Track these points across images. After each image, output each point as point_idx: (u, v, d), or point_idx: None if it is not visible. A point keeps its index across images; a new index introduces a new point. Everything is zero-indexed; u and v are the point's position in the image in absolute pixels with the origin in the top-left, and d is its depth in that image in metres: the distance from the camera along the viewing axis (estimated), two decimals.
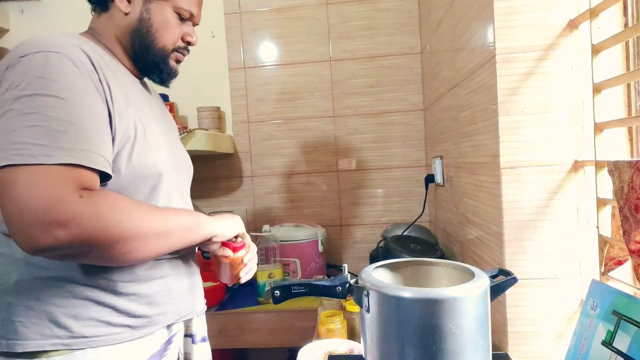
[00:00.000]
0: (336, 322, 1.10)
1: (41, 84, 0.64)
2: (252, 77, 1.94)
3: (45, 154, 0.60)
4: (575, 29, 0.87)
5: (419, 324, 0.61)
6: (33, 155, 0.60)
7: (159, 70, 0.87)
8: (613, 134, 0.86)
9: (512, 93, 0.89)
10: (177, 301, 0.83)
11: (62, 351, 0.69)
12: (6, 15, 1.96)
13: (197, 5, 0.87)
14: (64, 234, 0.59)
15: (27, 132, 0.61)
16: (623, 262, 0.79)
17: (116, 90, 0.73)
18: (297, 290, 0.71)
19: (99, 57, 0.75)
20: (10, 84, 0.65)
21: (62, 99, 0.64)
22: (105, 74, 0.72)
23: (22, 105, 0.62)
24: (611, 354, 0.69)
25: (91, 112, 0.67)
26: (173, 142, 0.90)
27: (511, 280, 0.70)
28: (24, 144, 0.60)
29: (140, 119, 0.77)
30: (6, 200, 0.59)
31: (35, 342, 0.68)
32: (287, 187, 1.95)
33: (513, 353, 0.91)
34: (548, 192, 0.89)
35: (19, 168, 0.59)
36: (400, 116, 1.90)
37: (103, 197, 0.64)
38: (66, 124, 0.63)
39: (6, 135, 0.61)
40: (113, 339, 0.73)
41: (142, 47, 0.83)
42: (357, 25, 1.88)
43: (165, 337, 0.82)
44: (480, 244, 1.09)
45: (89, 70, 0.69)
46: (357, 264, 1.90)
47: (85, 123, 0.65)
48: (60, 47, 0.68)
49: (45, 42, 0.68)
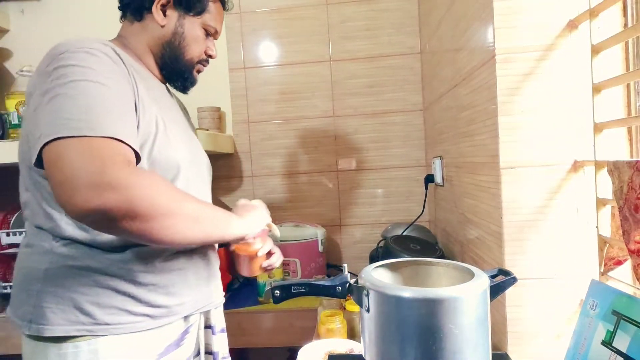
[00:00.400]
0: (336, 322, 1.10)
1: (84, 71, 0.69)
2: (252, 77, 1.94)
3: (91, 127, 0.64)
4: (575, 29, 0.87)
5: (418, 324, 0.61)
6: (79, 129, 0.63)
7: (183, 79, 0.95)
8: (613, 134, 0.86)
9: (511, 93, 0.89)
10: (195, 292, 0.87)
11: (86, 337, 0.74)
12: (6, 15, 1.96)
13: (220, 23, 0.97)
14: (113, 198, 0.61)
15: (74, 110, 0.65)
16: (623, 262, 0.79)
17: (142, 87, 0.79)
18: (297, 290, 0.71)
19: (126, 59, 0.80)
20: (55, 75, 0.69)
21: (103, 85, 0.69)
22: (132, 72, 0.78)
23: (67, 90, 0.67)
24: (611, 353, 0.70)
25: (126, 100, 0.73)
26: (192, 142, 0.95)
27: (511, 280, 0.70)
28: (70, 119, 0.64)
29: (162, 117, 0.82)
30: (57, 169, 0.62)
31: (62, 327, 0.73)
32: (287, 187, 1.95)
33: (513, 353, 0.91)
34: (548, 192, 0.89)
35: (68, 140, 0.63)
36: (400, 116, 1.90)
37: (149, 172, 0.72)
38: (109, 106, 0.68)
39: (54, 114, 0.65)
40: (133, 327, 0.77)
41: (172, 58, 0.91)
42: (357, 25, 1.88)
43: (182, 327, 0.86)
44: (480, 243, 1.10)
45: (120, 63, 0.76)
46: (357, 264, 1.90)
47: (123, 108, 0.71)
48: (97, 46, 0.74)
49: (83, 41, 0.74)
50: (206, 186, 0.97)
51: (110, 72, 0.72)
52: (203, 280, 0.89)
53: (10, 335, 1.57)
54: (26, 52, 1.95)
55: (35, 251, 0.78)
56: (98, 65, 0.71)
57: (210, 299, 0.92)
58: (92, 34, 0.82)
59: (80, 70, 0.69)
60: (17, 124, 1.73)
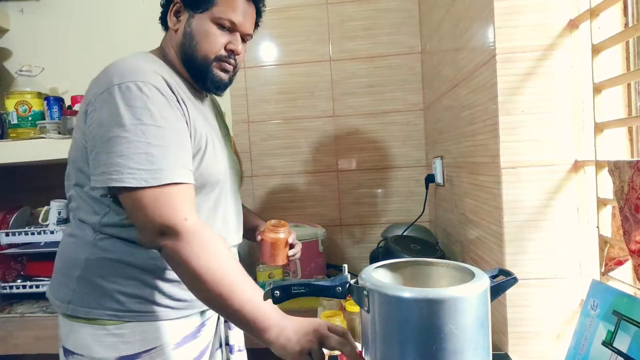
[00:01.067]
0: (336, 322, 1.10)
1: (140, 113, 0.75)
2: (252, 77, 1.93)
3: (155, 177, 0.74)
4: (575, 29, 0.87)
5: (419, 324, 0.61)
6: (146, 180, 0.74)
7: (204, 79, 0.92)
8: (613, 134, 0.85)
9: (512, 93, 0.89)
10: None
11: (115, 321, 0.83)
12: (6, 15, 1.96)
13: (239, 14, 0.89)
14: (166, 243, 0.75)
15: (136, 157, 0.74)
16: (623, 262, 0.78)
17: (191, 107, 0.85)
18: (297, 290, 0.71)
19: (170, 77, 0.85)
20: (110, 110, 0.76)
21: (159, 127, 0.76)
22: (181, 95, 0.83)
23: (127, 134, 0.74)
24: (611, 354, 0.69)
25: (181, 134, 0.80)
26: (229, 151, 1.01)
27: (511, 280, 0.70)
28: (134, 169, 0.74)
29: (208, 132, 0.88)
30: (134, 217, 0.77)
31: (96, 311, 0.82)
32: (287, 187, 1.95)
33: (513, 353, 0.91)
34: (548, 192, 0.89)
35: (139, 191, 0.74)
36: (400, 116, 1.89)
37: (207, 234, 0.77)
38: (168, 147, 0.76)
39: (116, 159, 0.74)
40: (156, 316, 0.85)
41: (188, 59, 0.91)
42: (357, 25, 1.88)
43: (199, 321, 0.93)
44: (480, 244, 1.09)
45: (171, 96, 0.81)
46: (357, 264, 1.90)
47: (180, 146, 0.79)
48: (146, 76, 0.79)
49: (133, 71, 0.79)
50: (237, 192, 1.04)
51: (165, 111, 0.78)
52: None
53: (11, 335, 1.57)
54: (25, 51, 1.95)
55: (77, 241, 0.87)
56: (154, 106, 0.77)
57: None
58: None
59: (138, 112, 0.75)
60: (17, 124, 1.73)
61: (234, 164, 1.02)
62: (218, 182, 0.90)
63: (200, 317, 0.93)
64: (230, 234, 0.98)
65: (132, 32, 1.84)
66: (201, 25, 0.89)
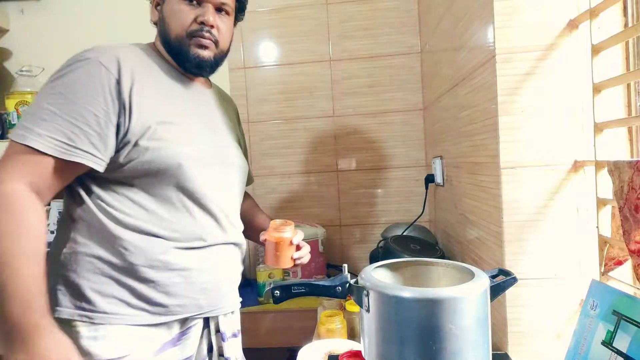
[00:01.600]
0: (336, 322, 1.10)
1: (61, 79, 0.77)
2: (252, 77, 1.93)
3: (22, 135, 0.74)
4: (575, 29, 0.87)
5: (419, 324, 0.61)
6: (18, 135, 0.74)
7: (184, 60, 0.89)
8: (613, 134, 0.85)
9: (512, 93, 0.89)
10: (198, 296, 0.86)
11: (86, 323, 0.78)
12: (6, 15, 1.95)
13: None
14: None
15: (28, 117, 0.75)
16: (623, 262, 0.78)
17: (143, 87, 0.81)
18: (297, 290, 0.71)
19: (139, 60, 0.85)
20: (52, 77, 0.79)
21: (61, 94, 0.76)
22: (134, 75, 0.81)
23: (40, 94, 0.77)
24: (611, 354, 0.69)
25: (83, 109, 0.76)
26: (217, 138, 0.94)
27: (511, 280, 0.70)
28: (21, 126, 0.75)
29: (168, 114, 0.84)
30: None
31: (68, 310, 0.78)
32: (287, 187, 1.95)
33: (513, 353, 0.91)
34: (548, 192, 0.89)
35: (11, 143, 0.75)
36: (400, 116, 1.89)
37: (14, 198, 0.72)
38: (51, 115, 0.75)
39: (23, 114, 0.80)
40: (130, 319, 0.80)
41: (166, 43, 0.90)
42: (357, 25, 1.88)
43: (180, 328, 0.87)
44: (480, 244, 1.09)
45: (107, 74, 0.78)
46: (357, 264, 1.90)
47: (72, 117, 0.75)
48: (99, 53, 0.79)
49: (95, 48, 0.80)
50: (235, 188, 0.97)
51: (80, 82, 0.77)
52: (210, 284, 0.87)
53: None
54: (25, 52, 1.95)
55: (57, 236, 0.85)
56: (75, 74, 0.77)
57: (218, 303, 0.89)
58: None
59: (59, 78, 0.77)
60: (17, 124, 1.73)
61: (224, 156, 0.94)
62: (175, 167, 0.82)
63: (180, 325, 0.87)
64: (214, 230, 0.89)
65: (132, 32, 1.84)
66: (170, 6, 0.88)
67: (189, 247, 0.85)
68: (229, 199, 0.95)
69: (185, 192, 0.85)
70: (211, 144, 0.91)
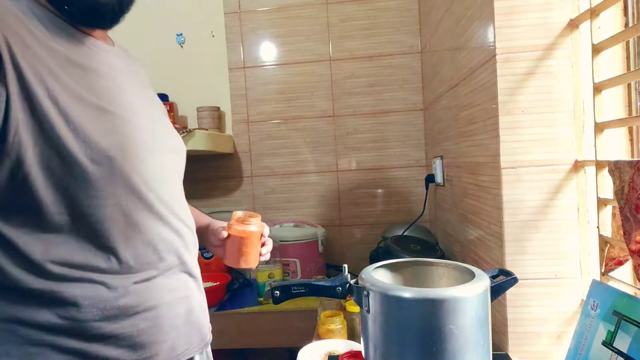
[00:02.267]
0: (336, 322, 1.09)
1: None
2: (252, 77, 1.93)
3: None
4: (575, 29, 0.87)
5: (419, 324, 0.61)
6: None
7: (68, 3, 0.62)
8: (613, 133, 0.85)
9: (512, 93, 0.89)
10: (171, 337, 0.68)
11: None
12: None
13: None
14: None
15: None
16: (623, 262, 0.78)
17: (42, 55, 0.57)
18: (297, 290, 0.71)
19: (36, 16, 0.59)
20: None
21: None
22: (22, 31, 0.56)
23: None
24: (611, 354, 0.69)
25: None
26: (155, 118, 0.73)
27: (511, 280, 0.70)
28: None
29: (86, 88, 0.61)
30: None
31: None
32: (287, 187, 1.95)
33: (513, 353, 0.91)
34: (548, 192, 0.89)
35: None
36: (400, 116, 1.89)
37: None
38: None
39: None
40: None
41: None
42: (357, 24, 1.88)
43: None
44: (480, 244, 1.09)
45: None
46: (357, 264, 1.89)
47: None
48: None
49: None
50: (178, 177, 0.76)
51: None
52: (182, 318, 0.70)
53: None
54: None
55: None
56: None
57: (193, 339, 0.72)
58: None
59: None
60: None
61: (163, 141, 0.72)
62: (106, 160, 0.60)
63: None
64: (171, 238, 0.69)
65: (133, 32, 1.83)
66: None
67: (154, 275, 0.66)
68: (175, 192, 0.74)
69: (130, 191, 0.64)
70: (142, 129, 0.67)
